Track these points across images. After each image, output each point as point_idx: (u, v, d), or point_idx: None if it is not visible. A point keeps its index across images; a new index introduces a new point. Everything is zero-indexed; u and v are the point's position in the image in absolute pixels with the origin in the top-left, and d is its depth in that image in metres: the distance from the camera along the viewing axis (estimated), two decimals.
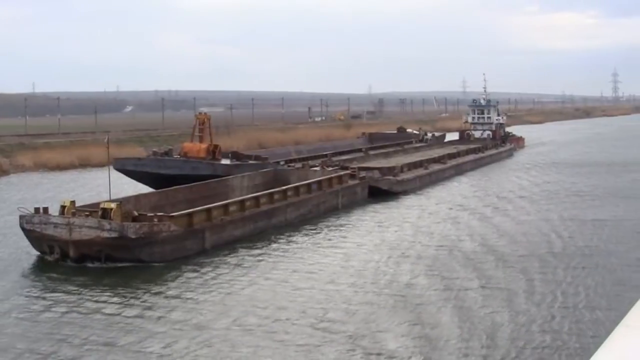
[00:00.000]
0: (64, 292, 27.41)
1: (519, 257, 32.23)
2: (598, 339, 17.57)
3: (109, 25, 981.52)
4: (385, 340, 21.25)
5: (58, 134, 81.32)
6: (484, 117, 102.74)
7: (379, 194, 53.01)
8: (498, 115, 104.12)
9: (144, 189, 52.92)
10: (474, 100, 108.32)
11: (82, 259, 31.86)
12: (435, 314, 23.77)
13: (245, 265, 31.54)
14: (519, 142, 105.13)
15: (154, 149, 57.89)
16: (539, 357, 19.79)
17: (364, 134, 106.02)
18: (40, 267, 31.82)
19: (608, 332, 5.18)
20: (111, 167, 48.02)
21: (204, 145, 55.45)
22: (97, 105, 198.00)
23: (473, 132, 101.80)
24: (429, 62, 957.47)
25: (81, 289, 27.61)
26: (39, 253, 33.42)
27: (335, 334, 21.69)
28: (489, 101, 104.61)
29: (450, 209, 47.65)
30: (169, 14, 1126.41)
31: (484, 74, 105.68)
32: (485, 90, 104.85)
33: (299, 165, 58.02)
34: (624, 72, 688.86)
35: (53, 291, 27.63)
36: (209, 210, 36.24)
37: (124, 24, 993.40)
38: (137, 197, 41.43)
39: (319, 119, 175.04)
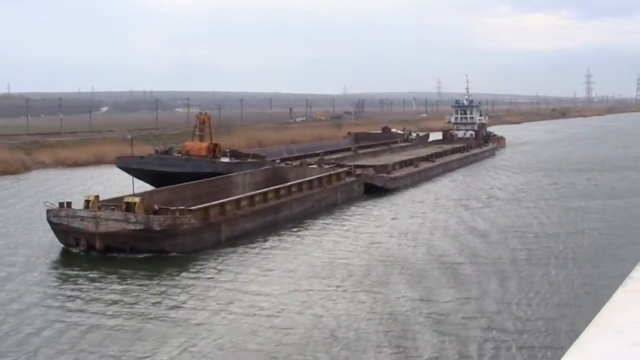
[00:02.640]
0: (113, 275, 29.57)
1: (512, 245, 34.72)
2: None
3: (81, 26, 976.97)
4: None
5: (62, 133, 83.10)
6: (466, 117, 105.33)
7: (373, 191, 55.39)
8: (480, 115, 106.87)
9: (145, 186, 54.68)
10: (456, 100, 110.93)
11: (108, 250, 33.86)
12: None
13: (262, 254, 33.97)
14: (500, 141, 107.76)
15: (156, 148, 59.85)
16: None
17: (349, 133, 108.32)
18: (71, 257, 33.73)
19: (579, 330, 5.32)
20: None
21: (204, 144, 57.50)
22: (72, 105, 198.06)
23: (456, 132, 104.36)
24: (402, 63, 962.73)
25: (125, 272, 29.77)
26: (63, 245, 35.36)
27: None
28: (471, 102, 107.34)
29: (441, 202, 50.33)
30: (140, 14, 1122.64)
31: (466, 75, 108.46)
32: (467, 91, 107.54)
33: (296, 163, 60.23)
34: (595, 74, 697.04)
35: (106, 273, 29.88)
36: (222, 204, 38.40)
37: (96, 25, 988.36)
38: (151, 193, 43.35)
39: (300, 119, 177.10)
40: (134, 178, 58.04)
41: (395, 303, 25.20)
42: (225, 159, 59.06)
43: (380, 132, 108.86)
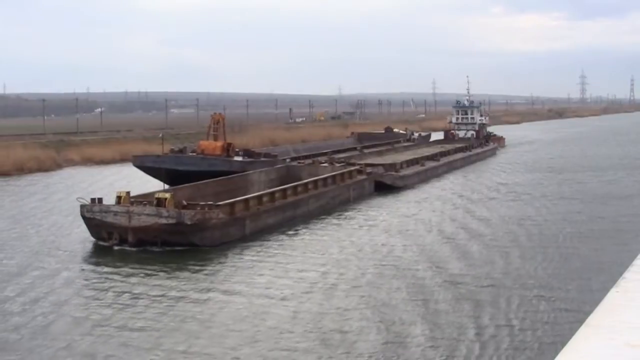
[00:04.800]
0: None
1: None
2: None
3: (75, 26, 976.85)
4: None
5: (78, 133, 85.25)
6: (467, 118, 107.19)
7: (383, 188, 57.22)
8: (481, 116, 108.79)
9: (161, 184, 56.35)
10: (457, 101, 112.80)
11: (140, 243, 35.55)
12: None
13: (287, 244, 36.07)
14: (500, 141, 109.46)
15: (172, 147, 61.61)
16: None
17: (352, 133, 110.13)
18: (105, 250, 35.47)
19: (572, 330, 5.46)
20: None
21: (219, 143, 59.27)
22: (69, 106, 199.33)
23: (457, 132, 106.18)
24: (396, 64, 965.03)
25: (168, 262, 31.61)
26: (95, 239, 37.01)
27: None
28: (472, 102, 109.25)
29: (455, 198, 52.42)
30: (134, 14, 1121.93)
31: (467, 76, 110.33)
32: (468, 92, 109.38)
33: (308, 161, 62.03)
34: (589, 74, 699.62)
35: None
36: (246, 200, 40.17)
37: (90, 25, 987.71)
38: (175, 190, 44.99)
39: (300, 119, 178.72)
40: (150, 176, 60.01)
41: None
42: (239, 158, 60.82)
43: (382, 132, 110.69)
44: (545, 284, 27.57)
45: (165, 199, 36.24)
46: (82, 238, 37.38)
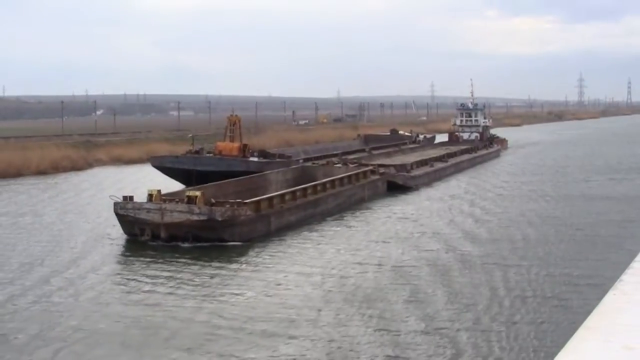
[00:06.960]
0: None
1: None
2: None
3: (73, 28, 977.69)
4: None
5: (99, 134, 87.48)
6: (471, 120, 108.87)
7: (395, 188, 58.98)
8: (484, 118, 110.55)
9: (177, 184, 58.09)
10: (462, 104, 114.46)
11: (172, 239, 37.22)
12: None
13: (313, 239, 38.03)
14: (502, 143, 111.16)
15: (189, 148, 63.38)
16: None
17: (359, 135, 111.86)
18: (141, 244, 37.24)
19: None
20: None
21: (236, 144, 61.04)
22: (69, 108, 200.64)
23: (461, 134, 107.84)
24: (392, 66, 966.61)
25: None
26: (127, 235, 38.69)
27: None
28: (475, 105, 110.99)
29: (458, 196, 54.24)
30: (130, 16, 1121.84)
31: (471, 80, 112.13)
32: (472, 95, 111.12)
33: (322, 162, 63.81)
34: (585, 77, 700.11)
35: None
36: (271, 198, 41.93)
37: (87, 27, 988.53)
38: (199, 189, 46.64)
39: (303, 122, 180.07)
40: (167, 176, 61.65)
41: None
42: (254, 159, 62.58)
43: (388, 134, 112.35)
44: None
45: (196, 196, 37.93)
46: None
